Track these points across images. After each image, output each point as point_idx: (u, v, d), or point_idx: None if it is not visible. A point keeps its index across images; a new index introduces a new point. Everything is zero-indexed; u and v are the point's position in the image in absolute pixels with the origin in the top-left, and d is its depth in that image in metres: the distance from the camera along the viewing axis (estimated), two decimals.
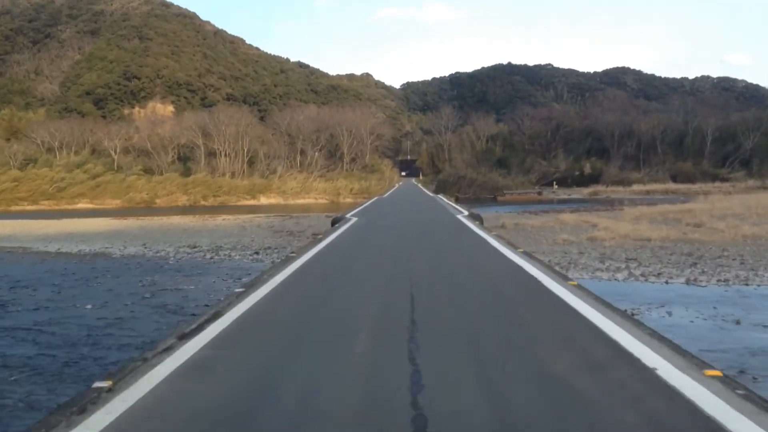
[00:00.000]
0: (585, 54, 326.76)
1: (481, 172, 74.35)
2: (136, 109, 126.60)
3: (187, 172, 74.89)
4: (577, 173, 76.19)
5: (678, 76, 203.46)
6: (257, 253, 21.72)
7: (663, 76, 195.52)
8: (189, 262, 20.35)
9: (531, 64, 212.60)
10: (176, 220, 38.02)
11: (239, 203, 68.93)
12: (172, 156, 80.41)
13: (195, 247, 23.95)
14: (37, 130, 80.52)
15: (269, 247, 22.84)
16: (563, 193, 70.93)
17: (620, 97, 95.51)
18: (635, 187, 69.65)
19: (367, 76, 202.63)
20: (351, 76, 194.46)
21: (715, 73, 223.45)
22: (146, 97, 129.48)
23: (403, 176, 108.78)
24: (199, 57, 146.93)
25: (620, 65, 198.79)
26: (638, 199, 52.13)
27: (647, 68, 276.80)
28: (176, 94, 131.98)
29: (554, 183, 74.01)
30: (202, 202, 68.34)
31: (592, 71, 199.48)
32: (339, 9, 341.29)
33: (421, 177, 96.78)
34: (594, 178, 74.48)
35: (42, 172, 69.29)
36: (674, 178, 73.10)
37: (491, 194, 68.65)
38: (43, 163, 72.78)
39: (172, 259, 21.25)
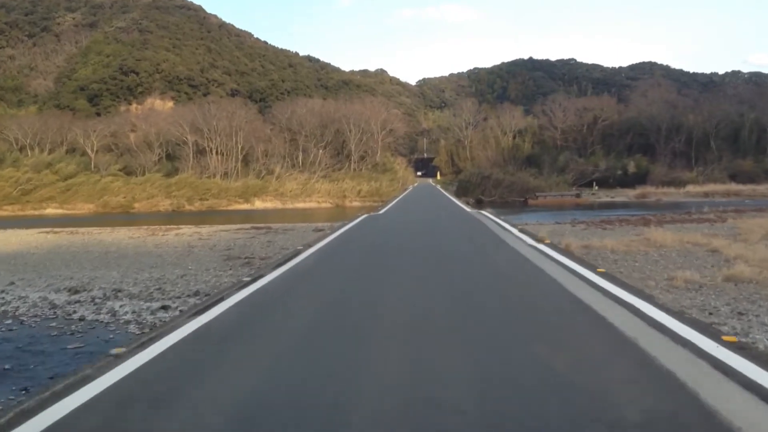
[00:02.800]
0: (608, 49, 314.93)
1: (508, 171, 64.77)
2: (133, 105, 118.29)
3: (173, 173, 66.00)
4: (619, 172, 66.26)
5: (706, 71, 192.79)
6: (165, 308, 12.37)
7: (692, 71, 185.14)
8: (19, 335, 11.02)
9: (553, 59, 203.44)
10: (119, 234, 28.85)
11: (230, 208, 60.10)
12: (159, 154, 71.62)
13: (79, 291, 14.50)
14: (9, 126, 71.96)
15: (197, 293, 13.46)
16: (605, 195, 61.33)
17: (664, 86, 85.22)
18: (690, 188, 59.89)
19: (381, 72, 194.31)
20: (364, 72, 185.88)
21: (744, 69, 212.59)
22: (144, 93, 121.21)
23: (419, 176, 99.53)
24: (203, 51, 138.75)
25: (646, 60, 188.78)
26: (717, 203, 42.32)
27: (674, 64, 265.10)
28: (176, 89, 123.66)
29: (594, 183, 64.25)
30: (188, 207, 59.49)
31: (617, 66, 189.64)
32: (357, 10, 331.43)
33: (438, 177, 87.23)
34: (639, 178, 64.60)
35: (6, 172, 60.70)
36: (732, 178, 63.11)
37: (521, 197, 59.28)
38: (10, 163, 64.08)
39: (6, 322, 11.94)
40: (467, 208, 30.60)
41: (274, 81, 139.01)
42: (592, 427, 3.51)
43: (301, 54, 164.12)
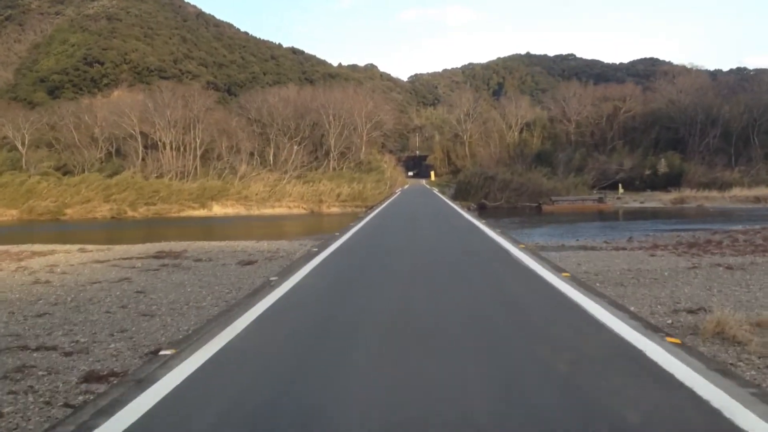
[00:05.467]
0: (609, 44, 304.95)
1: (516, 171, 54.64)
2: (98, 98, 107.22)
3: (121, 172, 55.52)
4: (648, 172, 56.09)
5: (710, 68, 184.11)
6: None
7: (695, 68, 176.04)
8: None
9: (551, 54, 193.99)
10: None
11: (182, 214, 49.81)
12: (108, 149, 61.22)
13: None
14: None
15: None
16: (632, 200, 51.29)
17: (695, 74, 74.34)
18: (736, 192, 49.78)
19: (371, 67, 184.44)
20: (353, 67, 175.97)
21: (750, 66, 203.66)
22: (110, 85, 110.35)
23: (410, 176, 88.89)
24: (177, 40, 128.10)
25: (647, 56, 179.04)
26: None
27: (676, 60, 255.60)
28: (146, 81, 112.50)
29: (620, 186, 54.11)
30: (130, 213, 49.15)
31: (618, 62, 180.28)
32: (359, 11, 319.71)
33: (433, 177, 76.60)
34: (672, 179, 54.58)
35: None
36: None
37: (533, 201, 49.27)
38: None
39: None
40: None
41: (255, 74, 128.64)
42: None
43: (284, 46, 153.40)
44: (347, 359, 4.95)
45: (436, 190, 49.55)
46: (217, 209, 50.68)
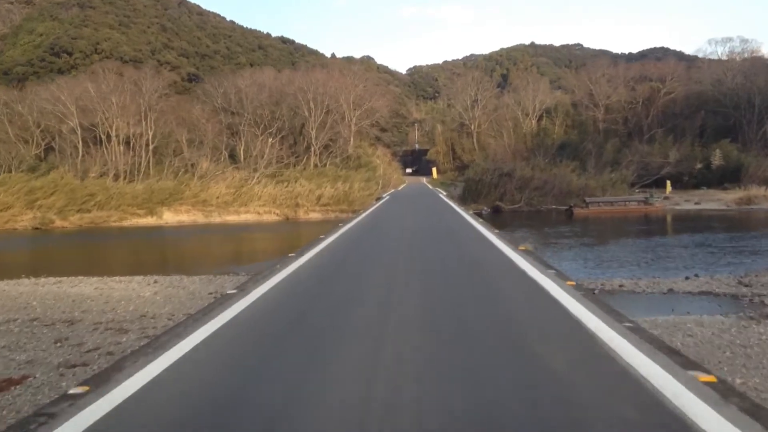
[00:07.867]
0: (616, 34, 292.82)
1: (538, 166, 44.61)
2: (65, 92, 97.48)
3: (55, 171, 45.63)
4: (699, 166, 46.13)
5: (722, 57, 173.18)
6: None
7: (708, 58, 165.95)
8: None
9: (557, 44, 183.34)
10: None
11: (125, 223, 40.11)
12: (49, 145, 51.47)
13: None
14: None
15: None
16: (684, 200, 41.41)
17: (745, 53, 63.23)
18: None
19: (368, 59, 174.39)
20: (349, 59, 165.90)
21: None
22: (78, 77, 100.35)
23: (409, 174, 78.79)
24: (156, 29, 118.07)
25: (657, 45, 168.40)
26: None
27: (687, 50, 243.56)
28: (119, 73, 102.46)
29: (668, 183, 44.16)
30: (59, 222, 39.34)
31: (627, 52, 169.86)
32: (356, 8, 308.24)
33: (435, 175, 66.42)
34: (728, 175, 44.74)
35: None
36: None
37: (561, 204, 39.46)
38: None
39: None
40: None
41: (241, 65, 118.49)
42: None
43: (273, 35, 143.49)
44: None
45: (443, 195, 39.01)
46: (169, 216, 40.93)
